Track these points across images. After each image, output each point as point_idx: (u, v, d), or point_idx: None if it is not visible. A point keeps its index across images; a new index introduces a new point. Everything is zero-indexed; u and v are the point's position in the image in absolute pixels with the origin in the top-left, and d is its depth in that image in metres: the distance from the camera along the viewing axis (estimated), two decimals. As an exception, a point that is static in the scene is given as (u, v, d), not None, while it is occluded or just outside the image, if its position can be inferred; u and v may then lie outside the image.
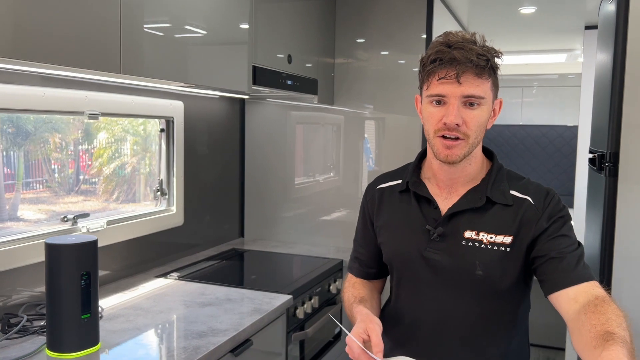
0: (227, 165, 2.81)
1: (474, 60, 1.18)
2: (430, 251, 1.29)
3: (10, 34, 1.18)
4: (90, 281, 1.43)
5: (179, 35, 1.70)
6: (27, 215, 1.88)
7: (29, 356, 1.40)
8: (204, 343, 1.50)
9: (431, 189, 1.34)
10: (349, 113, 2.73)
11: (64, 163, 2.02)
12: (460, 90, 1.19)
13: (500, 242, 1.25)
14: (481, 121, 1.23)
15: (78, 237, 1.45)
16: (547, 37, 3.74)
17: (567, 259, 1.20)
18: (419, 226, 1.32)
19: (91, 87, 1.87)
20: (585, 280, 1.17)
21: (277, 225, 2.90)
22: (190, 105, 2.43)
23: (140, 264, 2.22)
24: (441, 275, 1.29)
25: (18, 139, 1.83)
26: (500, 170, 1.35)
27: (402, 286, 1.39)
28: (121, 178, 2.27)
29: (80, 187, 2.11)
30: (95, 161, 2.17)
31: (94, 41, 1.37)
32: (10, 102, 1.60)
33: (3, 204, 1.81)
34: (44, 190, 1.96)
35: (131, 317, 1.69)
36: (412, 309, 1.36)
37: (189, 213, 2.46)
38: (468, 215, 1.28)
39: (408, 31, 2.56)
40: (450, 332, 1.30)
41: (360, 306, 1.31)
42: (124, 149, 2.29)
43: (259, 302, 1.86)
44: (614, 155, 1.67)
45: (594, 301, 1.11)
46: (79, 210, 2.02)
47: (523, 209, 1.26)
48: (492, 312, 1.29)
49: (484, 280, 1.26)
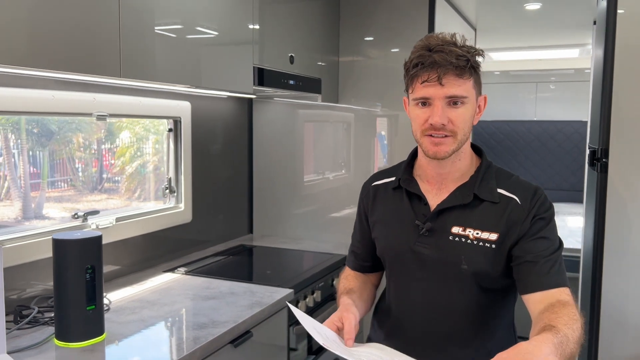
0: (235, 163, 2.88)
1: (453, 62, 1.22)
2: (419, 245, 1.34)
3: (26, 43, 1.27)
4: (95, 274, 1.50)
5: (183, 37, 1.77)
6: (52, 213, 1.96)
7: (38, 345, 1.48)
8: (204, 334, 1.57)
9: (422, 186, 1.39)
10: (359, 111, 2.77)
11: (87, 162, 2.10)
12: (443, 91, 1.24)
13: (486, 238, 1.30)
14: (466, 118, 1.28)
15: (84, 233, 1.52)
16: (556, 32, 3.73)
17: (541, 264, 1.25)
18: (410, 221, 1.37)
19: (102, 90, 1.95)
20: (555, 286, 1.23)
21: (286, 222, 2.96)
22: (200, 105, 2.51)
23: (149, 260, 2.30)
24: (429, 268, 1.34)
25: (43, 138, 1.91)
26: (489, 168, 1.38)
27: (393, 279, 1.44)
28: (143, 176, 2.35)
29: (103, 186, 2.19)
30: (118, 160, 2.26)
31: (95, 47, 1.45)
32: (22, 105, 1.68)
33: (29, 202, 1.89)
34: (68, 188, 2.04)
35: (137, 310, 1.77)
36: (401, 301, 1.41)
37: (197, 210, 2.53)
38: (456, 212, 1.33)
39: (412, 28, 2.59)
40: (437, 323, 1.35)
41: (345, 297, 1.37)
42: (146, 148, 2.38)
43: (260, 295, 1.92)
44: (604, 151, 1.69)
45: (556, 304, 1.19)
46: (102, 208, 2.11)
47: (510, 208, 1.30)
48: (478, 304, 1.33)
49: (469, 274, 1.30)
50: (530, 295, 1.24)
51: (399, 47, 2.63)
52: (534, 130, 5.34)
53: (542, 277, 1.24)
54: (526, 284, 1.26)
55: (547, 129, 5.31)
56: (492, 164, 1.40)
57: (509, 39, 4.07)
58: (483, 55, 1.31)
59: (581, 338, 1.12)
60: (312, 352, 2.24)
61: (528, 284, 1.26)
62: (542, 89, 5.41)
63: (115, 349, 1.48)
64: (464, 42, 1.28)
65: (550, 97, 5.36)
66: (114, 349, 1.49)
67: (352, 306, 1.30)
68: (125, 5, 1.53)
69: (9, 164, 1.80)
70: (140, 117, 2.23)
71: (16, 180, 1.84)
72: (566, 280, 1.26)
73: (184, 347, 1.49)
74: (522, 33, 3.76)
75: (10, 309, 1.65)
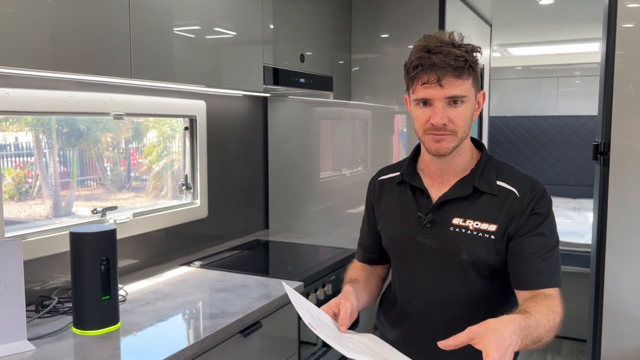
0: (251, 160, 2.95)
1: (452, 64, 1.26)
2: (421, 236, 1.39)
3: (49, 48, 1.36)
4: (109, 266, 1.58)
5: (199, 39, 1.84)
6: (82, 211, 2.04)
7: (57, 333, 1.57)
8: (214, 324, 1.63)
9: (424, 180, 1.44)
10: (377, 108, 2.80)
11: (115, 161, 2.18)
12: (443, 92, 1.28)
13: (485, 229, 1.33)
14: (466, 117, 1.32)
15: (99, 227, 1.60)
16: (571, 27, 3.70)
17: (537, 262, 1.30)
18: (413, 214, 1.42)
19: (120, 90, 2.03)
20: (546, 287, 1.29)
21: (302, 218, 3.01)
22: (216, 103, 2.58)
23: (166, 254, 2.38)
24: (430, 258, 1.39)
25: (72, 138, 1.99)
26: (488, 161, 1.42)
27: (397, 269, 1.50)
28: (169, 174, 2.44)
29: (131, 184, 2.28)
30: (145, 159, 2.34)
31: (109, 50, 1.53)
32: (42, 105, 1.77)
33: (59, 200, 1.98)
34: (97, 187, 2.13)
35: (152, 301, 1.85)
36: (405, 291, 1.46)
37: (214, 206, 2.61)
38: (457, 204, 1.37)
39: (424, 24, 2.61)
40: (439, 312, 1.39)
41: (348, 285, 1.43)
42: (173, 147, 2.46)
43: (270, 288, 1.98)
44: (606, 145, 1.70)
45: (540, 295, 1.27)
46: (130, 206, 2.19)
47: (509, 200, 1.34)
48: (478, 293, 1.37)
49: (468, 264, 1.35)
50: (522, 291, 1.31)
51: (411, 44, 2.63)
52: (556, 125, 5.29)
53: (535, 277, 1.30)
54: (519, 281, 1.32)
55: (569, 123, 5.25)
56: (493, 158, 1.44)
57: (525, 34, 4.05)
58: (481, 51, 1.34)
59: (555, 329, 1.20)
60: (325, 343, 2.29)
61: (521, 281, 1.32)
62: (563, 83, 5.35)
63: (129, 337, 1.56)
64: (461, 41, 1.31)
65: (573, 92, 5.30)
66: (127, 336, 1.56)
67: (352, 294, 1.36)
68: (138, 9, 1.61)
69: (40, 163, 1.89)
70: (156, 116, 2.31)
71: (47, 180, 1.92)
72: (558, 280, 1.32)
73: (194, 335, 1.56)
74: (537, 28, 3.74)
75: (32, 299, 1.74)
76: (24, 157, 1.84)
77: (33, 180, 1.88)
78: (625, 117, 1.77)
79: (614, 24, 1.66)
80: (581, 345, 3.77)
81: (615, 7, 1.65)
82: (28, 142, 1.85)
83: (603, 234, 1.75)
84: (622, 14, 1.68)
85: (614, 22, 1.66)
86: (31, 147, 1.85)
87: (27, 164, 1.85)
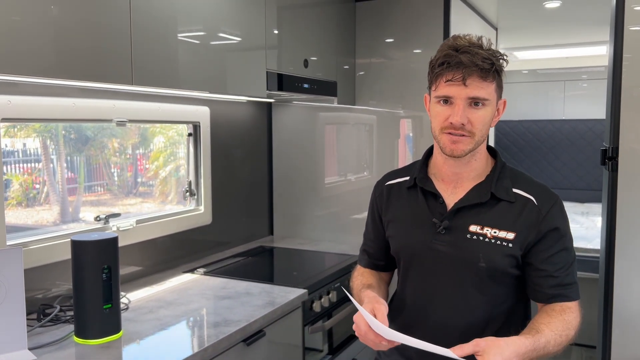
0: (256, 166, 2.93)
1: (479, 64, 1.24)
2: (437, 243, 1.36)
3: (53, 55, 1.36)
4: (111, 274, 1.57)
5: (204, 44, 1.83)
6: (89, 217, 2.03)
7: (59, 342, 1.55)
8: (216, 332, 1.61)
9: (437, 184, 1.41)
10: (382, 113, 2.78)
11: (122, 167, 2.18)
12: (466, 92, 1.26)
13: (503, 237, 1.32)
14: (485, 120, 1.30)
15: (100, 234, 1.59)
16: (578, 30, 3.67)
17: (561, 278, 1.31)
18: (426, 220, 1.39)
19: (123, 96, 2.03)
20: (565, 300, 1.31)
21: (307, 224, 2.99)
22: (220, 109, 2.57)
23: (170, 261, 2.37)
24: (446, 266, 1.36)
25: (79, 144, 1.99)
26: (503, 168, 1.40)
27: (409, 277, 1.45)
28: (176, 180, 2.43)
29: (138, 190, 2.27)
30: (152, 164, 2.33)
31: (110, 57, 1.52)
32: (45, 112, 1.76)
33: (67, 206, 1.97)
34: (104, 192, 2.12)
35: (154, 309, 1.83)
36: (418, 299, 1.43)
37: (218, 212, 2.59)
38: (474, 210, 1.35)
39: (429, 29, 2.60)
40: (453, 319, 1.36)
41: (368, 290, 1.40)
42: (179, 152, 2.45)
43: (274, 295, 1.96)
44: (614, 149, 1.67)
45: (556, 308, 1.29)
46: (136, 211, 2.18)
47: (527, 209, 1.33)
48: (492, 300, 1.35)
49: (486, 272, 1.33)
50: (542, 304, 1.33)
51: (416, 48, 2.63)
52: (563, 129, 5.24)
53: (557, 291, 1.31)
54: (541, 295, 1.33)
55: (577, 127, 5.21)
56: (506, 164, 1.42)
57: (531, 37, 4.02)
58: (507, 60, 1.32)
59: (568, 342, 1.23)
60: (332, 351, 2.27)
61: (542, 295, 1.33)
62: (570, 87, 5.31)
63: (131, 346, 1.54)
64: (489, 46, 1.30)
65: (580, 96, 5.26)
66: (129, 345, 1.55)
67: (380, 297, 1.34)
68: (140, 16, 1.60)
69: (47, 169, 1.89)
70: (159, 123, 2.30)
71: (54, 185, 1.92)
72: (578, 293, 1.33)
73: (197, 344, 1.54)
74: (543, 31, 3.71)
75: (34, 308, 1.73)
76: (31, 163, 1.84)
77: (40, 186, 1.87)
78: (634, 121, 1.74)
79: (622, 27, 1.64)
80: (590, 352, 3.72)
81: (622, 10, 1.63)
82: (36, 148, 1.84)
83: (612, 240, 1.72)
84: (630, 17, 1.65)
85: (622, 25, 1.63)
86: (39, 153, 1.85)
87: (34, 170, 1.85)
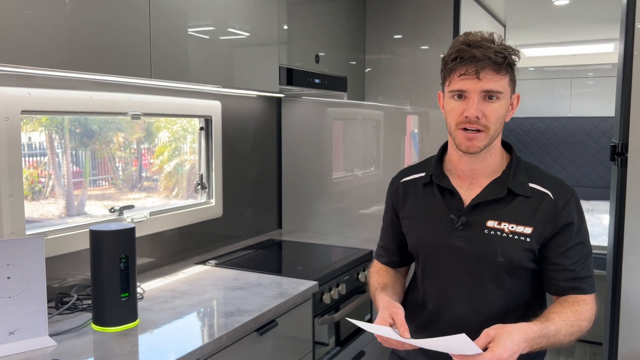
0: (265, 160, 2.97)
1: (492, 57, 1.27)
2: (454, 239, 1.38)
3: (68, 48, 1.39)
4: (128, 264, 1.60)
5: (214, 39, 1.86)
6: (94, 211, 2.06)
7: (77, 329, 1.59)
8: (230, 322, 1.65)
9: (453, 181, 1.43)
10: (389, 109, 2.81)
11: (127, 161, 2.21)
12: (480, 85, 1.28)
13: (520, 232, 1.33)
14: (500, 114, 1.31)
15: (118, 225, 1.63)
16: (586, 27, 3.68)
17: (577, 271, 1.33)
18: (443, 216, 1.41)
19: (137, 90, 2.06)
20: (582, 293, 1.32)
21: (315, 218, 3.02)
22: (231, 104, 2.60)
23: (182, 252, 2.40)
24: (464, 261, 1.38)
25: (85, 138, 2.01)
26: (519, 163, 1.41)
27: (426, 273, 1.47)
28: (180, 174, 2.46)
29: (142, 184, 2.30)
30: (157, 159, 2.36)
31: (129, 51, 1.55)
32: (62, 105, 1.80)
33: (72, 200, 2.00)
34: (109, 187, 2.15)
35: (169, 299, 1.87)
36: (435, 294, 1.45)
37: (228, 205, 2.63)
38: (490, 206, 1.37)
39: (438, 26, 2.61)
40: (470, 314, 1.38)
41: (382, 294, 1.42)
42: (184, 147, 2.48)
43: (285, 287, 2.00)
44: (624, 146, 1.69)
45: (569, 299, 1.32)
46: (142, 206, 2.21)
47: (544, 203, 1.34)
48: (510, 294, 1.38)
49: (503, 266, 1.35)
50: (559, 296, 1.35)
51: (426, 45, 2.66)
52: (569, 126, 5.25)
53: (574, 284, 1.33)
54: (556, 288, 1.35)
55: (583, 125, 5.21)
56: (521, 159, 1.43)
57: (540, 34, 4.03)
58: (519, 55, 1.34)
59: (579, 333, 1.25)
60: (339, 343, 2.30)
61: (558, 288, 1.35)
62: (577, 84, 5.32)
63: (147, 334, 1.58)
64: (501, 42, 1.32)
65: (586, 93, 5.26)
66: (146, 333, 1.58)
67: (395, 302, 1.36)
68: (158, 10, 1.63)
69: (53, 163, 1.92)
70: (172, 116, 2.33)
71: (60, 179, 1.95)
72: (593, 286, 1.34)
73: (212, 333, 1.58)
74: (552, 29, 3.73)
75: (52, 297, 1.77)
76: (37, 156, 1.87)
77: (46, 180, 1.90)
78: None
79: (632, 24, 1.65)
80: (595, 348, 3.75)
81: (633, 8, 1.65)
82: (41, 142, 1.87)
83: (620, 236, 1.74)
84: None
85: (632, 23, 1.65)
86: (44, 146, 1.87)
87: (40, 164, 1.88)
